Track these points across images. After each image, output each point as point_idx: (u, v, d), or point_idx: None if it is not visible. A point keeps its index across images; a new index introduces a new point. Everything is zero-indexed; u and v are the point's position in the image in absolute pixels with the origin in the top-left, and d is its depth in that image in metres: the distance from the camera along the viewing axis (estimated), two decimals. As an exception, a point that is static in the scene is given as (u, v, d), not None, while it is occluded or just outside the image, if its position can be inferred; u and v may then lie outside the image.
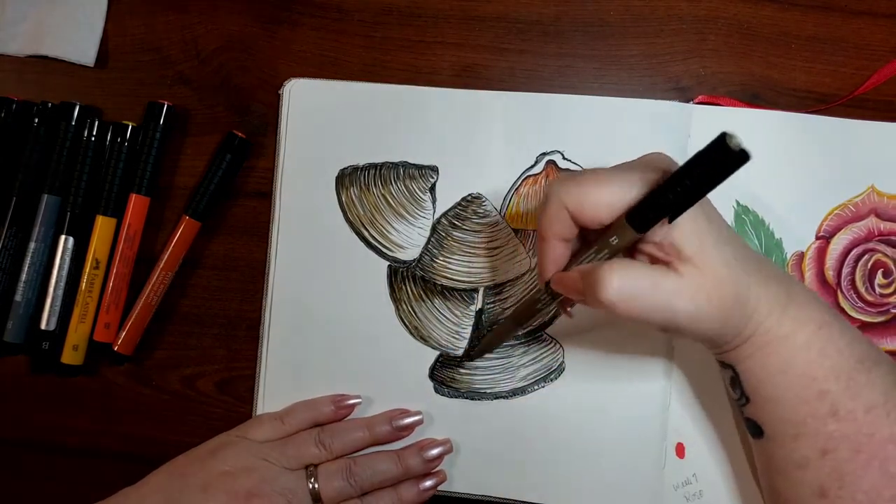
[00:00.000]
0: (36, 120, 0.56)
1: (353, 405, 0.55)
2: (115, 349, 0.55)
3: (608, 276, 0.40)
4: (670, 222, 0.39)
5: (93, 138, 0.56)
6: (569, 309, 0.49)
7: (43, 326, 0.55)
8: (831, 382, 0.43)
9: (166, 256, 0.55)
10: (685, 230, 0.41)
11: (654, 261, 0.42)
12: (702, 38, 0.56)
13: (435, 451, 0.54)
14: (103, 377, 0.58)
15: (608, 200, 0.41)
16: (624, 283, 0.40)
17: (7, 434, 0.58)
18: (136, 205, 0.56)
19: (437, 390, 0.55)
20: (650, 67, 0.56)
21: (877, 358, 0.44)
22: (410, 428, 0.54)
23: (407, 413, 0.55)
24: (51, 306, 0.55)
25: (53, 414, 0.58)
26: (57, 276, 0.55)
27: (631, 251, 0.43)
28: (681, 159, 0.54)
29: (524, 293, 0.55)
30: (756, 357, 0.44)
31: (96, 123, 0.56)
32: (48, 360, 0.56)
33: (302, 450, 0.52)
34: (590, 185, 0.41)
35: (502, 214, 0.55)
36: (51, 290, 0.55)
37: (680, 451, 0.54)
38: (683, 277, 0.40)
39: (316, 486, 0.50)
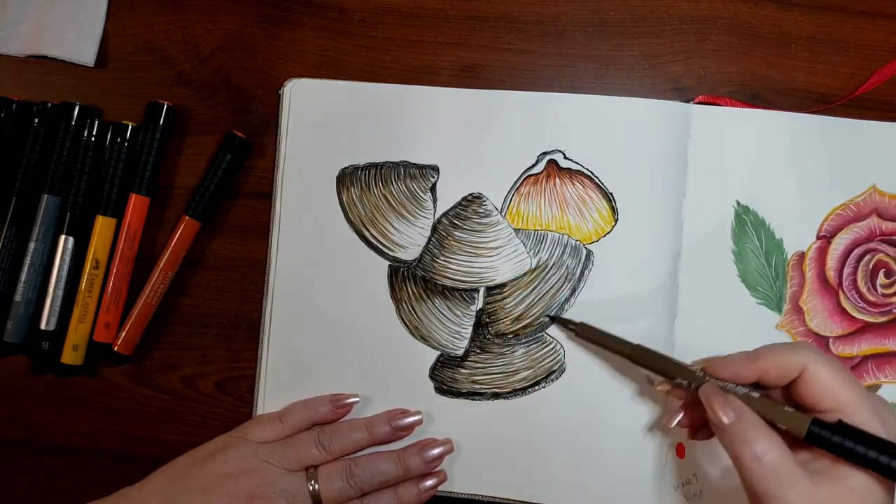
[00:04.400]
0: (36, 120, 0.56)
1: (351, 404, 0.55)
2: (115, 349, 0.55)
3: (769, 443, 0.42)
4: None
5: (93, 138, 0.55)
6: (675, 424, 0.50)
7: (43, 326, 0.55)
8: None
9: (166, 256, 0.55)
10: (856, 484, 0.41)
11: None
12: (702, 38, 0.56)
13: (436, 451, 0.54)
14: (103, 377, 0.58)
15: (825, 394, 0.43)
16: (775, 458, 0.41)
17: (7, 434, 0.58)
18: (136, 205, 0.56)
19: (437, 390, 0.55)
20: (650, 67, 0.56)
21: None
22: (410, 428, 0.54)
23: (406, 413, 0.55)
24: (51, 306, 0.55)
25: (53, 414, 0.58)
26: (57, 276, 0.55)
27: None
28: (681, 159, 0.54)
29: (525, 294, 0.55)
30: None
31: (96, 123, 0.56)
32: (48, 360, 0.56)
33: (302, 451, 0.52)
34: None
35: (503, 214, 0.55)
36: (51, 290, 0.55)
37: (680, 451, 0.54)
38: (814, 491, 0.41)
39: (316, 487, 0.50)
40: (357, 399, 0.55)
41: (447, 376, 0.55)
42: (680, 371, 0.48)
